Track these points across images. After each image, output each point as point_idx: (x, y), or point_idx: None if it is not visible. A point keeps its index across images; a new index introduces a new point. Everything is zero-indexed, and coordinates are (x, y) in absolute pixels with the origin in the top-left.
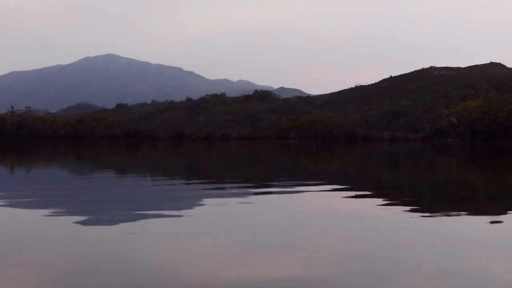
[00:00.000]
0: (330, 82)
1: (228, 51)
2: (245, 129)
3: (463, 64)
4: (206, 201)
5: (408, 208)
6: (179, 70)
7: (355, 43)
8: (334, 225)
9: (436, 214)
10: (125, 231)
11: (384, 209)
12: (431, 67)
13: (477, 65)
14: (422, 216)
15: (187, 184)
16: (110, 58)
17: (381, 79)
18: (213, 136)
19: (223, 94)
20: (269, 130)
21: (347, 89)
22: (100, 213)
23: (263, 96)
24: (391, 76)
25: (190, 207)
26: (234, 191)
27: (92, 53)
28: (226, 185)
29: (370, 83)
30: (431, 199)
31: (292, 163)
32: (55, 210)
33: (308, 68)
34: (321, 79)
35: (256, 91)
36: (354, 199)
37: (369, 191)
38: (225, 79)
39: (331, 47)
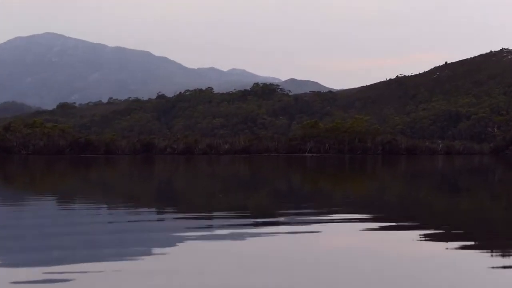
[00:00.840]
0: (359, 72)
1: (217, 31)
2: (240, 139)
3: None
4: (184, 244)
5: (486, 253)
6: (147, 55)
7: (394, 18)
8: (368, 278)
9: None
10: None
11: (454, 252)
12: (502, 50)
13: None
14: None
15: (157, 220)
16: (51, 39)
17: (432, 67)
18: (195, 148)
19: (209, 89)
20: (275, 140)
21: (383, 82)
22: (27, 262)
23: (266, 92)
24: (446, 63)
25: (161, 253)
26: (224, 229)
27: (25, 32)
28: (212, 220)
29: (417, 73)
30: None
31: (307, 187)
32: None
33: (328, 54)
34: (346, 68)
35: (256, 84)
36: (394, 236)
37: (420, 228)
38: (212, 68)
39: (359, 24)
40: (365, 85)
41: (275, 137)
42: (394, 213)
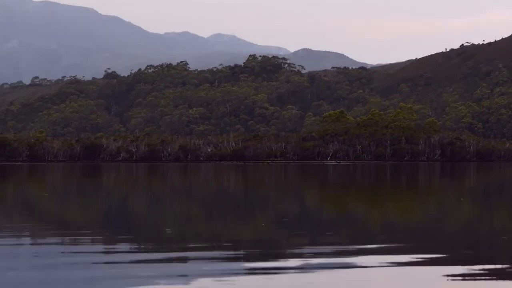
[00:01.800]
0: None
1: None
2: (230, 139)
3: None
4: None
5: None
6: (90, 14)
7: None
8: None
9: None
10: None
11: None
12: None
13: None
14: None
15: (106, 262)
16: None
17: None
18: (162, 153)
19: (183, 64)
20: (281, 140)
21: (442, 54)
22: None
23: (267, 68)
24: None
25: None
26: (204, 277)
27: None
28: (186, 264)
29: (492, 40)
30: None
31: (327, 212)
32: None
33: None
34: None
35: (252, 57)
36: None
37: (497, 276)
38: (186, 33)
39: None
40: (414, 58)
41: (281, 136)
42: (456, 251)
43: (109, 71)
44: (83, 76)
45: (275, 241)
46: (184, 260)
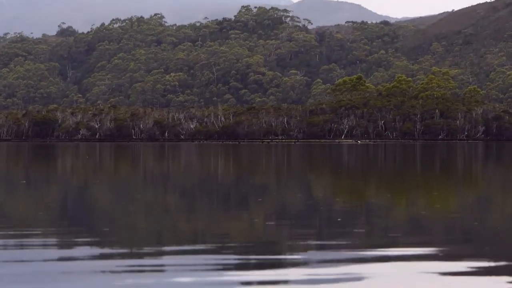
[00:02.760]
0: None
1: None
2: (219, 111)
3: None
4: None
5: None
6: None
7: None
8: None
9: None
10: None
11: None
12: None
13: None
14: None
15: (63, 272)
16: None
17: None
18: (130, 129)
19: (157, 18)
20: (282, 113)
21: (485, 4)
22: None
23: (264, 23)
24: None
25: None
26: (186, 277)
27: None
28: (163, 258)
29: None
30: None
31: (340, 202)
32: None
33: None
34: None
35: (245, 8)
36: None
37: None
38: None
39: None
40: (450, 10)
41: (283, 108)
42: (495, 250)
43: (64, 26)
44: (31, 33)
45: (273, 244)
46: (159, 269)
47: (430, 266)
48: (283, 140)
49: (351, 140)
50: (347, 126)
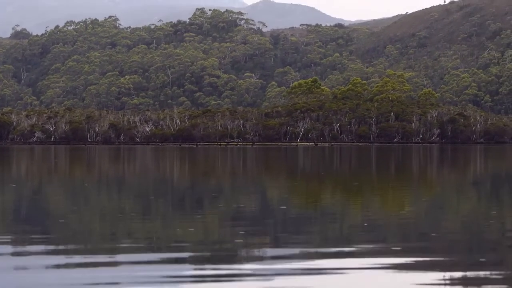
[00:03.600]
0: None
1: None
2: (174, 114)
3: None
4: None
5: None
6: None
7: None
8: None
9: None
10: None
11: None
12: None
13: None
14: None
15: (16, 267)
16: None
17: None
18: (85, 131)
19: (111, 20)
20: (238, 116)
21: (436, 7)
22: None
23: (219, 26)
24: None
25: None
26: (141, 274)
27: None
28: (119, 266)
29: None
30: None
31: (295, 207)
32: None
33: None
34: None
35: (200, 11)
36: None
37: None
38: None
39: None
40: (404, 13)
41: (239, 111)
42: (452, 253)
43: (18, 28)
44: None
45: (228, 242)
46: (114, 264)
47: (380, 261)
48: (240, 143)
49: (309, 143)
50: (302, 129)
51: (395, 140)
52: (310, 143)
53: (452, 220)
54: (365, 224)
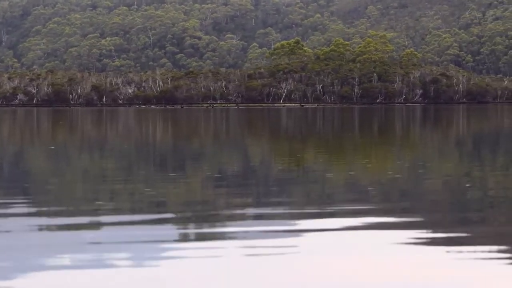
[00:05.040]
0: None
1: None
2: (157, 76)
3: None
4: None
5: None
6: None
7: None
8: None
9: None
10: None
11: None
12: None
13: None
14: None
15: None
16: None
17: None
18: (68, 94)
19: None
20: (221, 78)
21: None
22: None
23: None
24: None
25: None
26: (123, 233)
27: None
28: (102, 228)
29: None
30: None
31: (280, 164)
32: None
33: None
34: None
35: None
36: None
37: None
38: None
39: None
40: None
41: (222, 72)
42: (433, 212)
43: None
44: None
45: (211, 203)
46: (96, 226)
47: (360, 221)
48: (223, 105)
49: (288, 104)
50: (285, 90)
51: (378, 101)
52: (295, 104)
53: (435, 180)
54: (347, 184)
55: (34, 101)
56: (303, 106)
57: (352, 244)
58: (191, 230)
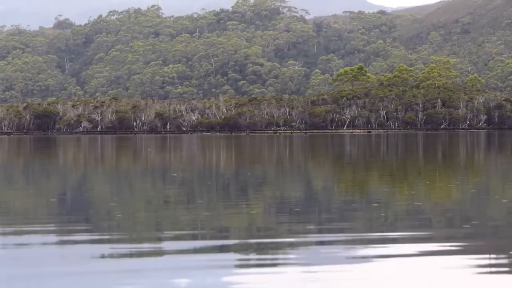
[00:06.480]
0: None
1: None
2: (220, 102)
3: None
4: None
5: None
6: None
7: None
8: None
9: None
10: None
11: None
12: None
13: None
14: None
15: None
16: None
17: None
18: (132, 121)
19: (154, 9)
20: (283, 103)
21: None
22: None
23: (262, 14)
24: None
25: None
26: (185, 260)
27: None
28: (164, 255)
29: None
30: None
31: (343, 191)
32: None
33: None
34: None
35: (242, 0)
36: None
37: None
38: None
39: None
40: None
41: (285, 99)
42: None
43: (61, 18)
44: (28, 25)
45: (272, 229)
46: (158, 253)
47: (426, 247)
48: (291, 131)
49: (352, 130)
50: (349, 117)
51: (442, 126)
52: (362, 131)
53: (499, 205)
54: (410, 210)
55: (98, 129)
56: (370, 132)
57: (416, 270)
58: (253, 256)
